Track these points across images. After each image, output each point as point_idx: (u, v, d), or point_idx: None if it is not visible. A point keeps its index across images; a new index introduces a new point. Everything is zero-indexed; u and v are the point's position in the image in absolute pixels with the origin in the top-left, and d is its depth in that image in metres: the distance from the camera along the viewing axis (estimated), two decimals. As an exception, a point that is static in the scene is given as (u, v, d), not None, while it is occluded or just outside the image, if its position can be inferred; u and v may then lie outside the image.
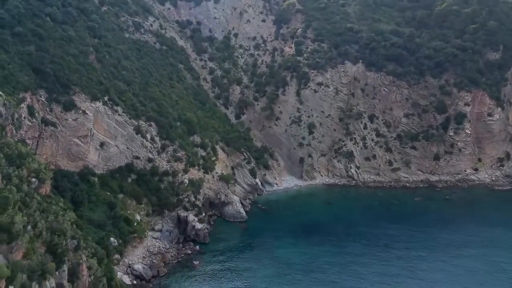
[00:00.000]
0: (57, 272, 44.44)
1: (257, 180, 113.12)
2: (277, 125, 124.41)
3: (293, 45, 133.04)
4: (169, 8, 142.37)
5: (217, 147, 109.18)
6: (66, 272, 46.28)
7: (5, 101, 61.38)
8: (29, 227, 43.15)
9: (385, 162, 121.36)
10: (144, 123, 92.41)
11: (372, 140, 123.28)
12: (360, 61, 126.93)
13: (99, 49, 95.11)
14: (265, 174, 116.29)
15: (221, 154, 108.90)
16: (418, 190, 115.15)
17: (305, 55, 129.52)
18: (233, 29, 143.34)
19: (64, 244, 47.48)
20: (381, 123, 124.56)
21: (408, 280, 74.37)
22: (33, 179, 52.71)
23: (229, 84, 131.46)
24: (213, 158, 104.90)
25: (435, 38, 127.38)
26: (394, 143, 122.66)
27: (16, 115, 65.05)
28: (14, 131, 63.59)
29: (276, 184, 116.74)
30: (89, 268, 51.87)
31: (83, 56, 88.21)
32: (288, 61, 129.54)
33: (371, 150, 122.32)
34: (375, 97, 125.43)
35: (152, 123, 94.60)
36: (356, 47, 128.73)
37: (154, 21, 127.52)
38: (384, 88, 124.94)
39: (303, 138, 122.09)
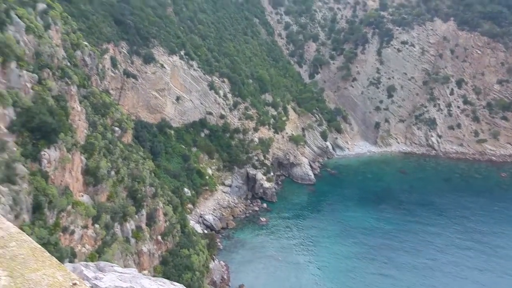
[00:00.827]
0: (136, 215, 46.72)
1: (327, 143, 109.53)
2: (353, 87, 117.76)
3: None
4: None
5: (289, 107, 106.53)
6: (145, 216, 48.52)
7: (90, 51, 63.61)
8: (112, 173, 45.23)
9: (471, 132, 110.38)
10: (217, 79, 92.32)
11: (458, 107, 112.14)
12: (452, 18, 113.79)
13: (176, 1, 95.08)
14: (336, 138, 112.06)
15: (292, 114, 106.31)
16: (505, 165, 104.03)
17: (390, 10, 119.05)
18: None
19: (143, 190, 49.47)
20: (470, 89, 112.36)
21: (480, 255, 68.92)
22: (116, 128, 54.92)
23: (305, 41, 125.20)
24: (284, 118, 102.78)
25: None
26: (482, 112, 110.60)
27: (100, 66, 67.55)
28: (99, 81, 66.20)
29: (348, 148, 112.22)
30: (165, 214, 54.01)
31: (162, 9, 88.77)
32: (370, 16, 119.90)
33: (456, 119, 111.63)
34: (465, 59, 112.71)
35: (225, 80, 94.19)
36: (448, 2, 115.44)
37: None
38: (477, 50, 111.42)
39: (381, 101, 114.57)
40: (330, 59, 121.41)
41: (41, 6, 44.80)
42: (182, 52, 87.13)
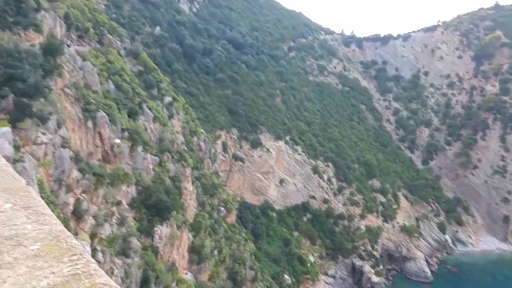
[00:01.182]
0: (232, 300, 45.49)
1: (446, 236, 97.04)
2: (474, 175, 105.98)
3: (497, 83, 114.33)
4: (354, 50, 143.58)
5: (399, 194, 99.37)
6: (243, 301, 46.98)
7: (205, 137, 70.06)
8: (215, 252, 45.88)
9: None
10: (321, 163, 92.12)
11: None
12: None
13: (285, 92, 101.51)
14: (457, 231, 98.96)
15: (403, 202, 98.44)
16: None
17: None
18: (423, 67, 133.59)
19: (243, 273, 48.70)
20: None
21: None
22: (222, 208, 57.07)
23: (416, 126, 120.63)
24: (394, 206, 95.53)
25: None
26: None
27: (212, 150, 73.39)
28: (210, 164, 71.46)
29: (471, 244, 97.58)
30: (263, 302, 51.73)
31: (271, 99, 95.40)
32: (490, 100, 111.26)
33: None
34: None
35: (330, 164, 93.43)
36: None
37: (338, 63, 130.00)
38: None
39: (509, 192, 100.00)
40: (446, 144, 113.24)
41: (167, 99, 51.75)
42: (288, 138, 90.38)
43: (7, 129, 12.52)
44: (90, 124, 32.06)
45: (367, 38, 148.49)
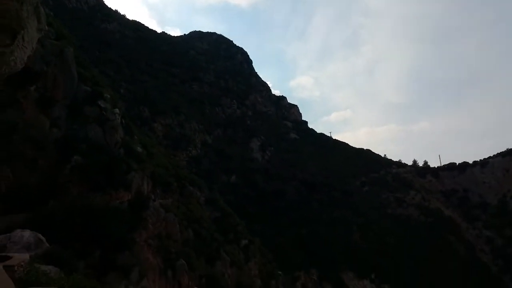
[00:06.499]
0: None
1: None
2: None
3: None
4: (430, 180, 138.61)
5: None
6: None
7: (283, 279, 67.34)
8: None
9: None
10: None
11: None
12: None
13: (362, 227, 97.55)
14: None
15: None
16: None
17: None
18: (508, 191, 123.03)
19: None
20: None
21: None
22: None
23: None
24: None
25: None
26: None
27: (291, 294, 69.35)
28: (291, 309, 66.75)
29: None
30: None
31: (348, 235, 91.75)
32: None
33: None
34: None
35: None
36: None
37: (416, 194, 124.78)
38: None
39: None
40: None
41: (244, 242, 52.66)
42: (373, 276, 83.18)
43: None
44: (170, 273, 33.34)
45: (443, 168, 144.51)
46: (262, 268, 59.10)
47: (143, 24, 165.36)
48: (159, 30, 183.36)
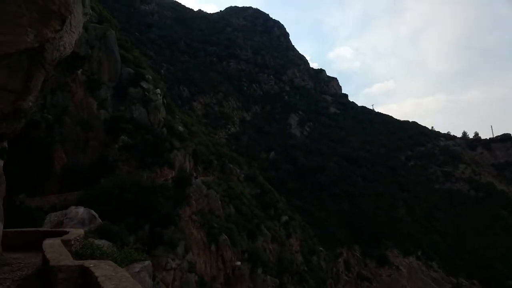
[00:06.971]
0: None
1: None
2: None
3: None
4: (481, 153, 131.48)
5: None
6: None
7: (325, 256, 67.49)
8: None
9: None
10: (464, 281, 78.59)
11: None
12: None
13: (409, 202, 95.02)
14: None
15: None
16: None
17: None
18: None
19: None
20: None
21: None
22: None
23: None
24: None
25: None
26: None
27: (334, 269, 69.50)
28: (333, 285, 67.10)
29: None
30: None
31: (393, 211, 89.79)
32: None
33: None
34: None
35: (475, 281, 79.11)
36: None
37: (466, 167, 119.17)
38: None
39: None
40: None
41: (284, 218, 53.09)
42: (419, 253, 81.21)
43: (148, 262, 13.66)
44: (213, 247, 34.46)
45: (495, 140, 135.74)
46: (303, 244, 59.49)
47: (180, 3, 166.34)
48: (195, 8, 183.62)
